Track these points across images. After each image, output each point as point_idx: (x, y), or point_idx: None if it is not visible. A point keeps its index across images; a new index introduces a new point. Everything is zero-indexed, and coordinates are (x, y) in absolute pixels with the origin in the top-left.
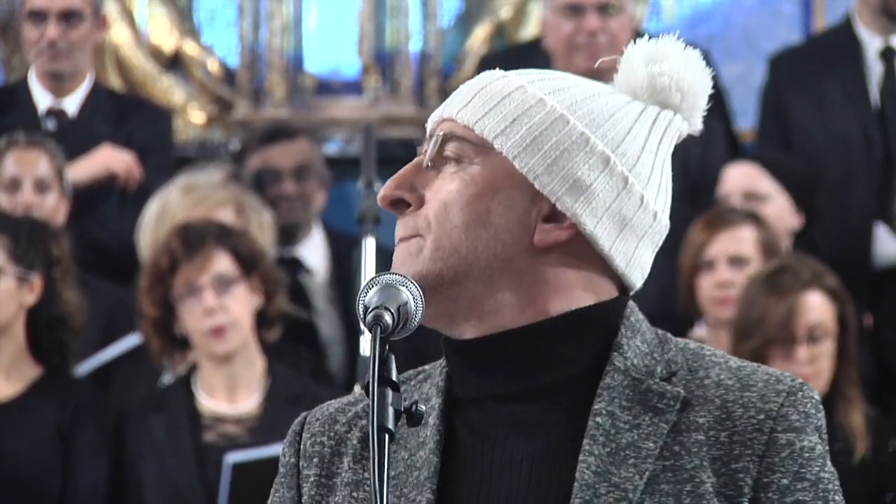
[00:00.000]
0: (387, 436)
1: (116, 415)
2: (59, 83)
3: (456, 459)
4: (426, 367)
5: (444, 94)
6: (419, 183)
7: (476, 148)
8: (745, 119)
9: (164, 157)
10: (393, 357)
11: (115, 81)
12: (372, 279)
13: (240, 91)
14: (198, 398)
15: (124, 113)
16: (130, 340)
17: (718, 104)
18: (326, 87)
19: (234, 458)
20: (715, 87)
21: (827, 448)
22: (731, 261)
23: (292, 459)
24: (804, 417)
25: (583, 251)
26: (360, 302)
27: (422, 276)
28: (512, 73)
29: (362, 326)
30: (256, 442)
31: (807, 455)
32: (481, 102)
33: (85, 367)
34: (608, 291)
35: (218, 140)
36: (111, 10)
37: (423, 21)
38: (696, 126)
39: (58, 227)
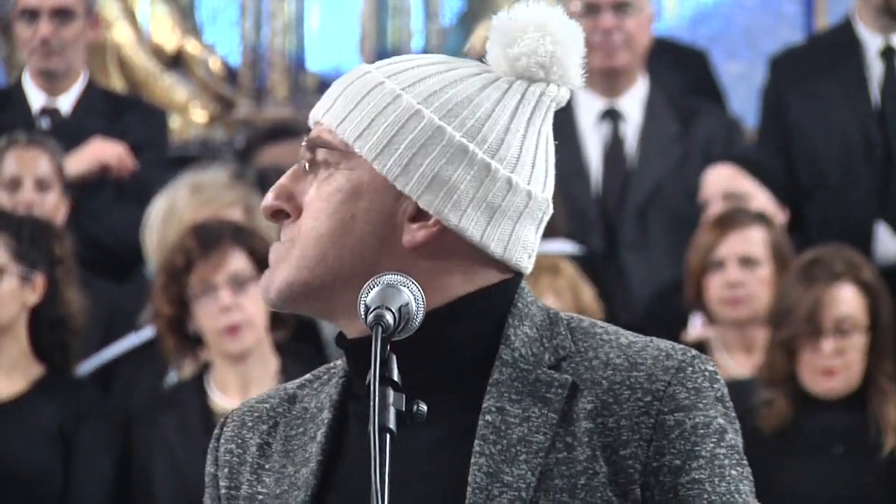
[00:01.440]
0: (388, 436)
1: (123, 414)
2: (52, 81)
3: (346, 459)
4: (336, 364)
5: None
6: (298, 190)
7: (340, 153)
8: (746, 119)
9: (158, 155)
10: (394, 357)
11: (116, 81)
12: (373, 279)
13: (241, 90)
14: (211, 396)
15: (118, 111)
16: (131, 340)
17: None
18: (328, 86)
19: None
20: (716, 87)
21: (732, 416)
22: (741, 261)
23: (210, 469)
24: (695, 393)
25: (456, 243)
26: (362, 302)
27: (289, 283)
28: (380, 65)
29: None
30: None
31: (701, 432)
32: (343, 103)
33: (86, 367)
34: (489, 279)
35: (220, 139)
36: (113, 9)
37: (425, 20)
38: (576, 84)
39: (60, 227)
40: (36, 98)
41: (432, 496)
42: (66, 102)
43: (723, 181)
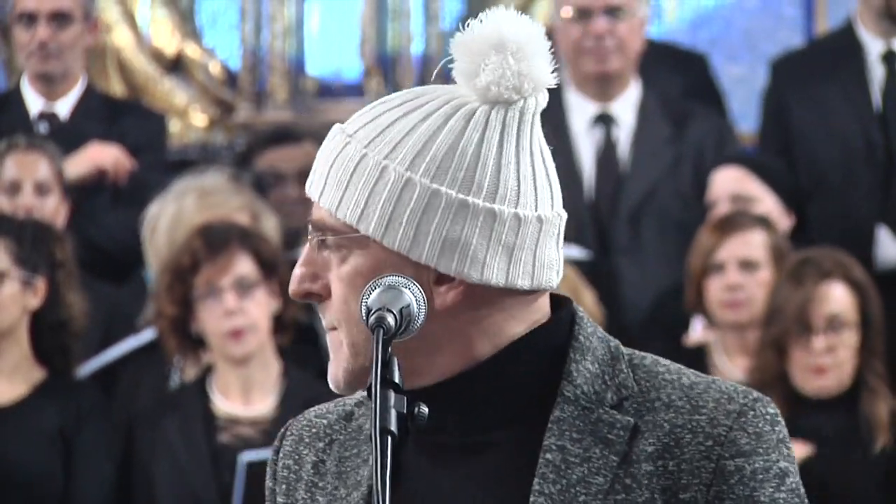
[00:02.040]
0: (389, 438)
1: (125, 417)
2: (50, 85)
3: (402, 486)
4: None
5: None
6: (320, 268)
7: (347, 238)
8: (747, 122)
9: (156, 158)
10: (395, 359)
11: (116, 84)
12: (374, 281)
13: (241, 94)
14: (213, 399)
15: (116, 115)
16: (131, 342)
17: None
18: (328, 90)
19: (248, 456)
20: (716, 90)
21: (793, 458)
22: (741, 264)
23: (269, 483)
24: (755, 438)
25: (487, 292)
26: (363, 304)
27: (349, 372)
28: (355, 126)
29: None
30: (270, 444)
31: (760, 477)
32: (335, 181)
33: (86, 369)
34: (537, 309)
35: (220, 143)
36: (112, 12)
37: (425, 23)
38: (551, 84)
39: (61, 230)
40: (34, 102)
41: None
42: (64, 107)
43: (730, 183)
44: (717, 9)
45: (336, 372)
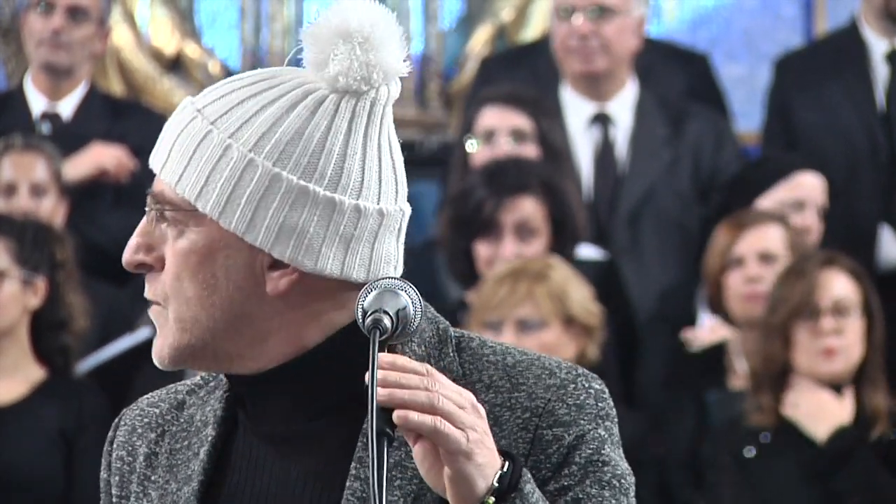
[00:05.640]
0: (385, 440)
1: None
2: (54, 80)
3: (231, 477)
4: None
5: (446, 96)
6: (156, 240)
7: (185, 212)
8: (747, 122)
9: None
10: None
11: (116, 84)
12: (371, 283)
13: None
14: None
15: (119, 116)
16: (127, 340)
17: (720, 106)
18: None
19: None
20: (717, 90)
21: (614, 435)
22: (760, 257)
23: (104, 474)
24: (576, 410)
25: (320, 282)
26: (359, 306)
27: (174, 348)
28: (206, 100)
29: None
30: None
31: (574, 443)
32: (178, 155)
33: (83, 367)
34: None
35: None
36: (112, 12)
37: (424, 23)
38: (402, 73)
39: (61, 230)
40: (37, 102)
41: None
42: (67, 107)
43: (811, 190)
44: (716, 9)
45: (161, 347)
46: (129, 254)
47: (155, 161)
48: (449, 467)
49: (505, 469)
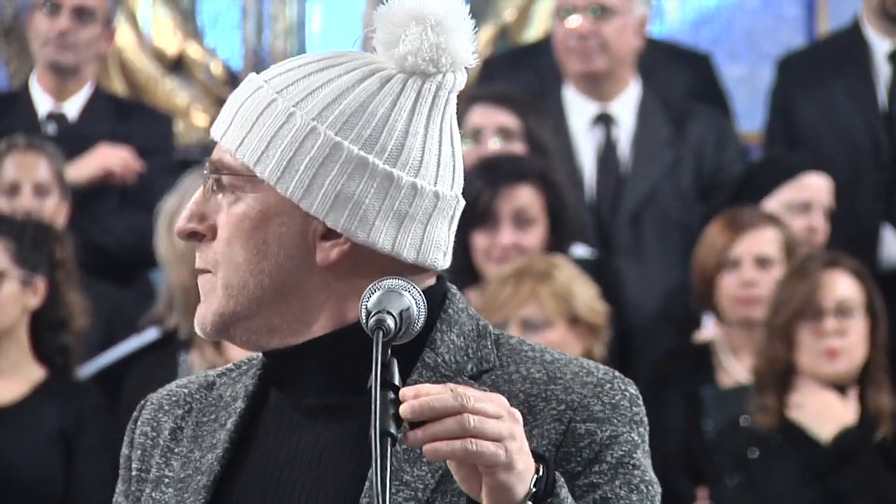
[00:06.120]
0: (389, 440)
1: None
2: (60, 80)
3: (257, 448)
4: (258, 355)
5: None
6: (210, 209)
7: (243, 177)
8: (749, 122)
9: (164, 160)
10: (395, 361)
11: (118, 84)
12: (374, 284)
13: None
14: None
15: (124, 116)
16: (133, 342)
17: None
18: None
19: None
20: (720, 90)
21: (644, 440)
22: (756, 261)
23: (125, 451)
24: (611, 409)
25: (371, 255)
26: (363, 306)
27: (218, 314)
28: (271, 74)
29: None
30: None
31: (607, 442)
32: (241, 123)
33: (87, 370)
34: (416, 283)
35: None
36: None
37: None
38: (469, 64)
39: (61, 230)
40: (43, 103)
41: (335, 488)
42: (72, 108)
43: (818, 191)
44: (718, 9)
45: (205, 315)
46: (183, 222)
47: (216, 129)
48: (488, 479)
49: (540, 473)
